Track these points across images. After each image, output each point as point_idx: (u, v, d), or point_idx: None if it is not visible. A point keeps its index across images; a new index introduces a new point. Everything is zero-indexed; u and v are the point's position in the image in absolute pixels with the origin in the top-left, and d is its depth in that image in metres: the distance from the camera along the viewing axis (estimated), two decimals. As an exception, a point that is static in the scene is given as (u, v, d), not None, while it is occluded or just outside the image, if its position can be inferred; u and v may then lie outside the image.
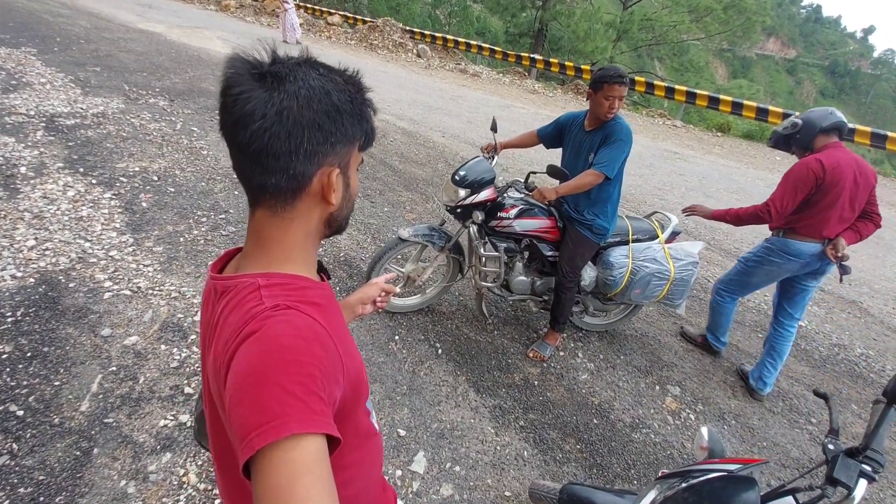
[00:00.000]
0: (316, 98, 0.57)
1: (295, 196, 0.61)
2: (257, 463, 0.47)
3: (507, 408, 2.27)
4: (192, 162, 4.22)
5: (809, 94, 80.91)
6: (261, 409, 0.48)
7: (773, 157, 8.41)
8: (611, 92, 2.25)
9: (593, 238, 2.51)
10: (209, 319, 0.64)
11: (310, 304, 0.59)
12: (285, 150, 0.57)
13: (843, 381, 2.92)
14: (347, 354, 0.60)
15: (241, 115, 0.55)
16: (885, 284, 4.25)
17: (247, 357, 0.51)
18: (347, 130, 0.61)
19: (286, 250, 0.63)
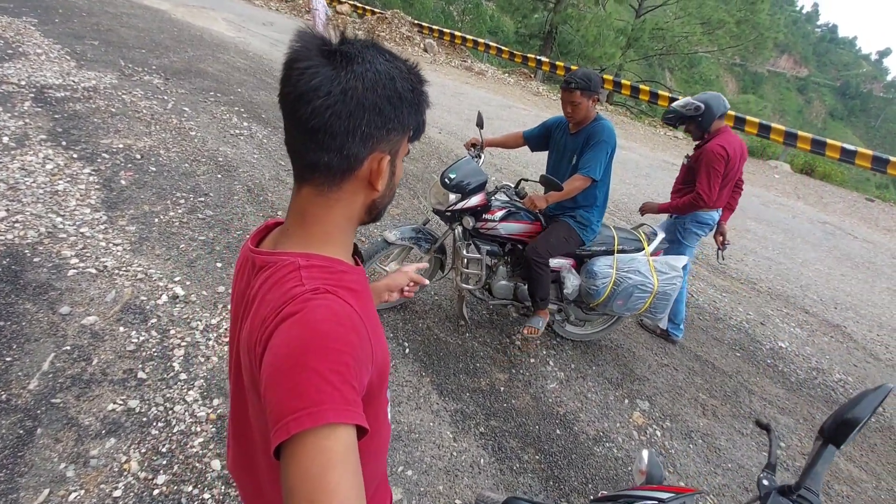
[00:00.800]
0: (381, 83, 0.58)
1: (343, 177, 0.61)
2: (291, 447, 0.47)
3: (469, 413, 2.23)
4: (178, 142, 4.17)
5: (818, 114, 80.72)
6: (299, 393, 0.48)
7: (772, 176, 8.36)
8: (563, 96, 2.34)
9: (575, 227, 2.48)
10: (243, 291, 0.64)
11: (347, 290, 0.59)
12: (343, 130, 0.57)
13: (817, 407, 2.88)
14: (377, 342, 0.61)
15: (305, 89, 0.55)
16: (872, 310, 4.21)
17: (286, 339, 0.52)
18: (404, 119, 0.62)
19: (327, 231, 0.64)
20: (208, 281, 2.64)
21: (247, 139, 4.64)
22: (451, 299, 3.02)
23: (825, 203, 7.25)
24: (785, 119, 64.23)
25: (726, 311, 3.69)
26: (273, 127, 5.15)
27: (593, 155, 2.32)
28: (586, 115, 2.37)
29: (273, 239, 0.69)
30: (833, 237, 5.82)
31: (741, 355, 3.21)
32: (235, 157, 4.20)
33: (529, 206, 2.39)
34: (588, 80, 2.29)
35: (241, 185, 3.74)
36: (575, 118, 2.37)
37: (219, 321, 2.38)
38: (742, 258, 4.70)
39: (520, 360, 2.66)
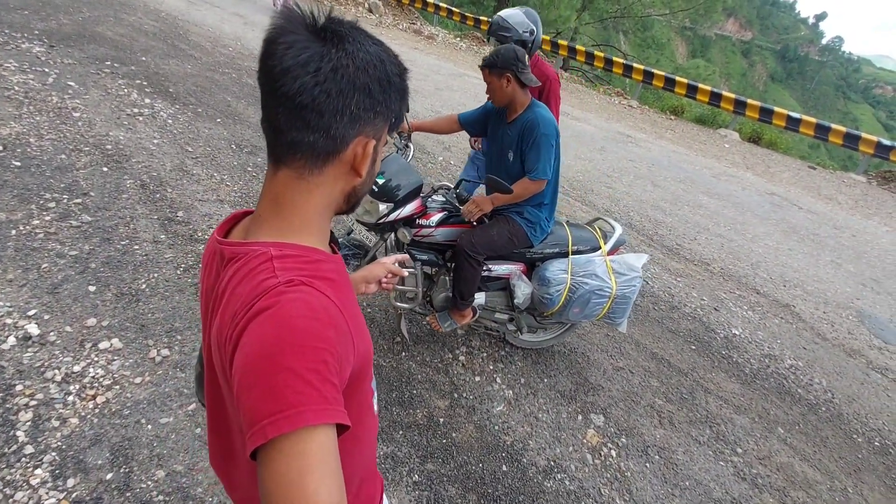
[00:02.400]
0: (372, 64, 0.56)
1: (326, 160, 0.59)
2: (267, 451, 0.46)
3: (400, 457, 1.91)
4: (56, 126, 3.45)
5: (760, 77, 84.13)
6: (274, 396, 0.46)
7: (722, 145, 8.38)
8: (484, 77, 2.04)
9: (523, 224, 2.16)
10: (212, 285, 0.62)
11: (323, 280, 0.56)
12: (331, 109, 0.55)
13: (770, 400, 2.79)
14: (358, 333, 0.59)
15: (292, 63, 0.53)
16: (817, 286, 4.22)
17: (259, 337, 0.49)
18: (391, 104, 0.60)
19: (304, 218, 0.61)
20: (75, 312, 2.13)
21: (147, 120, 3.95)
22: (388, 311, 2.65)
23: (772, 173, 7.34)
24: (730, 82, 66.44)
25: (681, 298, 3.55)
26: (182, 103, 4.44)
27: (539, 154, 1.98)
28: (510, 99, 2.04)
29: (243, 228, 0.66)
30: (780, 209, 5.86)
31: (696, 348, 3.07)
32: (130, 143, 3.54)
33: (473, 210, 2.11)
34: (496, 56, 1.96)
35: (134, 179, 3.14)
36: (495, 101, 2.07)
37: (84, 367, 1.91)
38: (695, 237, 4.60)
39: (463, 379, 2.36)
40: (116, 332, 2.09)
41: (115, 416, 1.77)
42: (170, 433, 1.76)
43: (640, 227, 4.54)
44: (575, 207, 4.60)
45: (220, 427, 0.67)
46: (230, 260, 0.59)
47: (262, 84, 0.56)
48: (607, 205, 4.84)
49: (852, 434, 2.72)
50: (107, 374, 1.90)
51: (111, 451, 1.66)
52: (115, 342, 2.04)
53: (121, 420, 1.76)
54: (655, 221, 4.72)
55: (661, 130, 8.45)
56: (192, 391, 1.93)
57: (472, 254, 2.08)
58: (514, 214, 2.20)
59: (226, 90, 5.05)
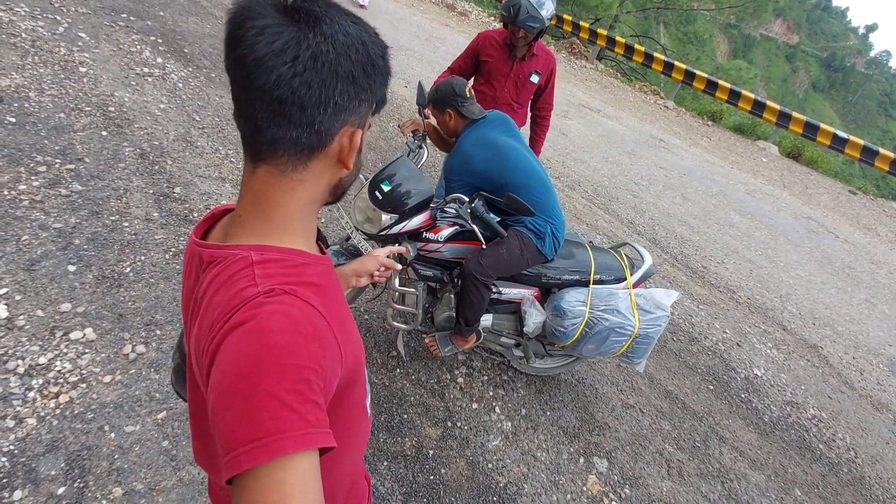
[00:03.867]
0: (354, 47, 0.52)
1: (311, 155, 0.55)
2: (243, 480, 0.43)
3: (382, 493, 1.75)
4: (59, 81, 3.26)
5: (802, 85, 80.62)
6: (251, 421, 0.44)
7: (759, 159, 7.92)
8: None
9: (531, 237, 1.94)
10: (192, 288, 0.58)
11: (307, 286, 0.53)
12: (314, 101, 0.51)
13: (789, 456, 2.57)
14: (346, 340, 0.55)
15: (266, 53, 0.48)
16: (849, 327, 3.94)
17: (236, 354, 0.46)
18: (376, 89, 0.56)
19: (288, 217, 0.57)
20: (50, 294, 1.97)
21: (157, 81, 3.74)
22: (384, 320, 2.46)
23: (810, 194, 6.92)
24: (770, 87, 63.79)
25: (702, 329, 3.31)
26: (196, 66, 4.21)
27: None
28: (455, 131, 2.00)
29: (223, 228, 0.62)
30: (816, 236, 5.50)
31: (714, 388, 2.85)
32: (135, 105, 3.34)
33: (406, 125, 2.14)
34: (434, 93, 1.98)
35: (133, 146, 2.95)
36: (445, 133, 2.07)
37: (51, 359, 1.75)
38: (723, 260, 4.31)
39: (459, 406, 2.18)
40: (91, 320, 1.93)
41: (76, 419, 1.63)
42: (134, 444, 1.61)
43: (664, 244, 4.26)
44: (597, 216, 4.33)
45: (202, 431, 0.63)
46: (209, 264, 0.56)
47: (233, 75, 0.51)
48: (632, 216, 4.55)
49: (873, 502, 2.50)
50: (74, 370, 1.75)
51: (67, 460, 1.52)
52: (89, 332, 1.88)
53: (82, 425, 1.62)
54: (682, 239, 4.43)
55: (696, 137, 8.01)
56: (164, 396, 1.77)
57: (480, 277, 1.87)
58: (520, 227, 1.96)
59: (243, 55, 4.80)
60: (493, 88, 2.55)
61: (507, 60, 2.48)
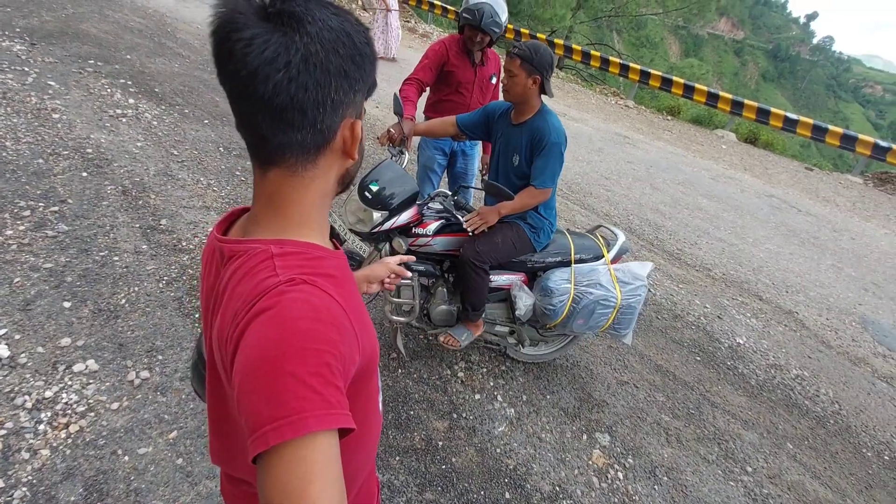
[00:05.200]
0: (340, 41, 0.52)
1: (318, 152, 0.57)
2: (269, 458, 0.45)
3: (397, 486, 1.80)
4: (34, 129, 3.29)
5: (752, 76, 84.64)
6: (277, 401, 0.45)
7: (719, 146, 8.33)
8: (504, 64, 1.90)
9: (526, 230, 2.08)
10: (212, 284, 0.60)
11: (326, 277, 0.55)
12: (313, 103, 0.52)
13: (778, 414, 2.71)
14: (363, 330, 0.57)
15: (259, 64, 0.48)
16: (819, 291, 4.16)
17: (260, 339, 0.48)
18: (367, 77, 0.57)
19: (303, 213, 0.59)
20: (48, 330, 1.99)
21: (131, 121, 3.79)
22: (383, 325, 2.54)
23: (770, 174, 7.29)
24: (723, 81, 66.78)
25: (684, 306, 3.46)
26: (168, 104, 4.28)
27: (547, 162, 1.90)
28: (525, 98, 1.93)
29: (241, 227, 0.63)
30: (780, 212, 5.80)
31: (701, 359, 2.98)
32: (112, 146, 3.38)
33: (477, 223, 1.99)
34: (534, 52, 1.83)
35: (115, 185, 2.99)
36: (510, 93, 1.92)
37: (56, 392, 1.77)
38: (696, 241, 4.52)
39: (463, 398, 2.25)
40: (92, 352, 1.96)
41: (88, 446, 1.64)
42: (148, 465, 1.64)
43: (640, 231, 4.45)
44: (574, 211, 4.50)
45: (221, 427, 0.65)
46: (230, 258, 0.57)
47: (230, 90, 0.52)
48: (606, 208, 4.74)
49: (862, 448, 2.64)
50: (81, 400, 1.77)
51: (84, 485, 1.53)
52: (91, 364, 1.90)
53: (95, 451, 1.63)
54: (655, 225, 4.64)
55: (658, 131, 8.38)
56: (173, 417, 1.80)
57: (477, 263, 1.98)
58: (518, 220, 2.11)
59: (214, 90, 4.89)
60: (462, 96, 2.70)
61: (470, 67, 2.63)
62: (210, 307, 0.60)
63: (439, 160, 2.84)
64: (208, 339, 0.61)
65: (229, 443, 0.65)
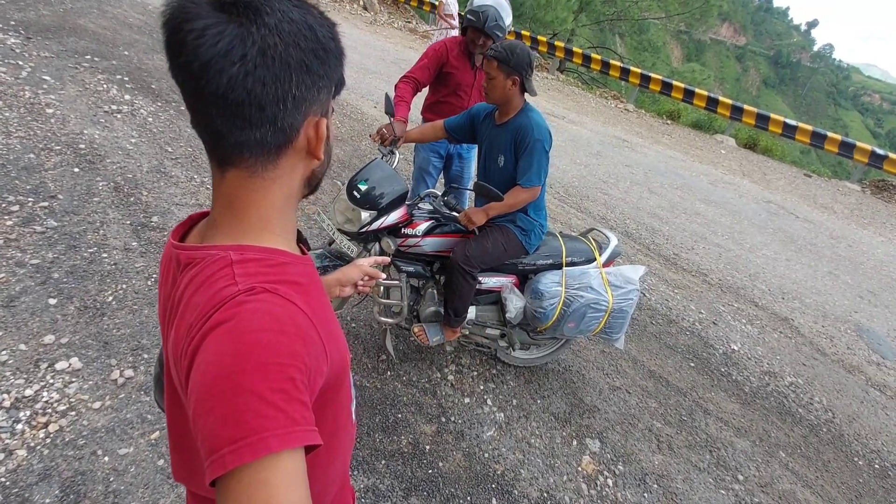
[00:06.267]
0: (302, 34, 0.49)
1: (280, 152, 0.53)
2: (227, 482, 0.42)
3: (382, 490, 1.77)
4: (26, 123, 3.26)
5: (754, 82, 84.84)
6: (235, 421, 0.42)
7: (718, 151, 8.32)
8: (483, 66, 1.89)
9: (516, 232, 2.06)
10: (169, 293, 0.57)
11: (289, 284, 0.52)
12: (272, 98, 0.49)
13: (771, 421, 2.69)
14: (330, 339, 0.54)
15: (212, 56, 0.45)
16: (816, 298, 4.14)
17: (217, 354, 0.45)
18: (332, 73, 0.54)
19: (264, 217, 0.55)
20: (32, 327, 1.96)
21: (126, 117, 3.76)
22: (372, 326, 2.51)
23: (768, 180, 7.28)
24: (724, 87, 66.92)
25: (679, 312, 3.44)
26: (165, 100, 4.26)
27: (531, 160, 1.88)
28: (506, 99, 1.91)
29: (199, 233, 0.60)
30: (777, 218, 5.79)
31: (695, 365, 2.96)
32: (105, 142, 3.36)
33: (466, 223, 1.98)
34: (510, 53, 1.80)
35: (107, 181, 2.96)
36: (491, 96, 1.91)
37: (37, 391, 1.74)
38: (692, 246, 4.50)
39: (452, 401, 2.22)
40: (76, 350, 1.93)
41: (68, 446, 1.61)
42: (129, 466, 1.61)
43: (636, 235, 4.43)
44: (570, 215, 4.48)
45: (181, 443, 0.62)
46: (187, 265, 0.54)
47: (182, 84, 0.49)
48: (603, 212, 4.73)
49: (853, 457, 2.62)
50: (62, 399, 1.74)
51: (61, 487, 1.51)
52: (74, 362, 1.87)
53: (74, 451, 1.61)
54: (652, 230, 4.62)
55: (657, 135, 8.37)
56: (156, 417, 1.78)
57: (467, 268, 1.96)
58: (507, 223, 2.09)
59: (211, 87, 4.86)
60: (460, 99, 2.68)
61: (470, 70, 2.61)
62: (167, 317, 0.57)
63: (434, 162, 2.82)
64: (166, 351, 0.58)
65: (190, 459, 0.61)
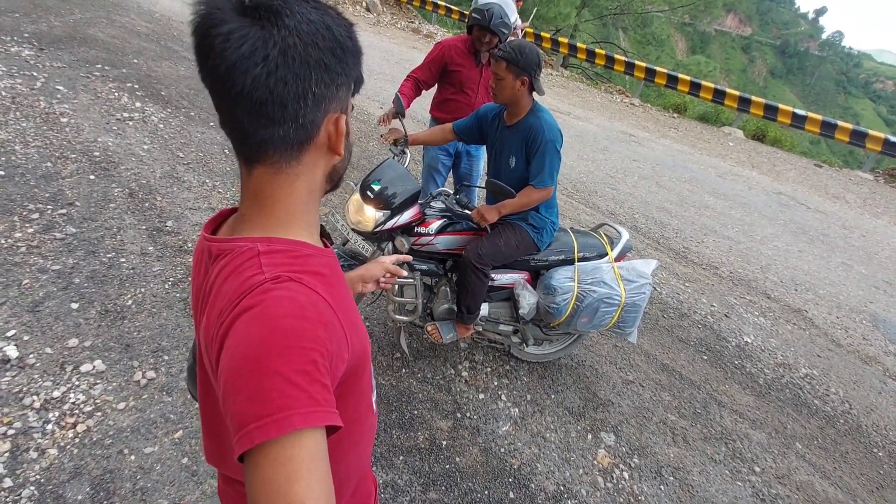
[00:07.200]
0: (320, 34, 0.52)
1: (302, 148, 0.56)
2: (254, 456, 0.44)
3: (401, 485, 1.80)
4: (42, 133, 3.34)
5: (760, 73, 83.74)
6: (261, 399, 0.45)
7: (726, 144, 8.25)
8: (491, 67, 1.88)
9: (528, 230, 2.08)
10: (202, 283, 0.60)
11: (313, 275, 0.54)
12: (293, 96, 0.51)
13: (787, 413, 2.67)
14: (352, 328, 0.56)
15: (237, 58, 0.48)
16: (829, 289, 4.10)
17: (245, 337, 0.48)
18: (350, 70, 0.56)
19: (290, 211, 0.58)
20: (57, 331, 2.02)
21: (137, 125, 3.83)
22: (386, 325, 2.54)
23: (778, 171, 7.21)
24: (730, 78, 66.15)
25: (690, 305, 3.43)
26: (175, 107, 4.32)
27: (544, 161, 1.88)
28: (515, 100, 1.92)
29: (230, 226, 0.64)
30: (788, 209, 5.73)
31: (708, 358, 2.95)
32: (119, 149, 3.42)
33: (479, 220, 1.99)
34: (519, 53, 1.80)
35: (122, 187, 3.02)
36: (500, 97, 1.91)
37: (64, 392, 1.79)
38: (702, 239, 4.47)
39: (467, 397, 2.25)
40: (99, 352, 1.98)
41: (96, 445, 1.66)
42: (154, 464, 1.65)
43: (645, 230, 4.42)
44: (579, 210, 4.48)
45: (214, 428, 0.64)
46: (217, 256, 0.57)
47: (210, 86, 0.52)
48: (612, 207, 4.72)
49: (872, 448, 2.60)
50: (88, 400, 1.79)
51: (91, 484, 1.55)
52: (98, 364, 1.92)
53: (102, 450, 1.65)
54: (661, 224, 4.60)
55: (664, 129, 8.32)
56: (179, 416, 1.82)
57: (479, 266, 1.98)
58: (519, 221, 2.10)
59: (220, 93, 4.93)
60: (467, 96, 2.69)
61: (476, 67, 2.63)
62: (199, 306, 0.60)
63: (443, 160, 2.84)
64: (198, 336, 0.61)
65: (221, 445, 0.64)
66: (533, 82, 1.87)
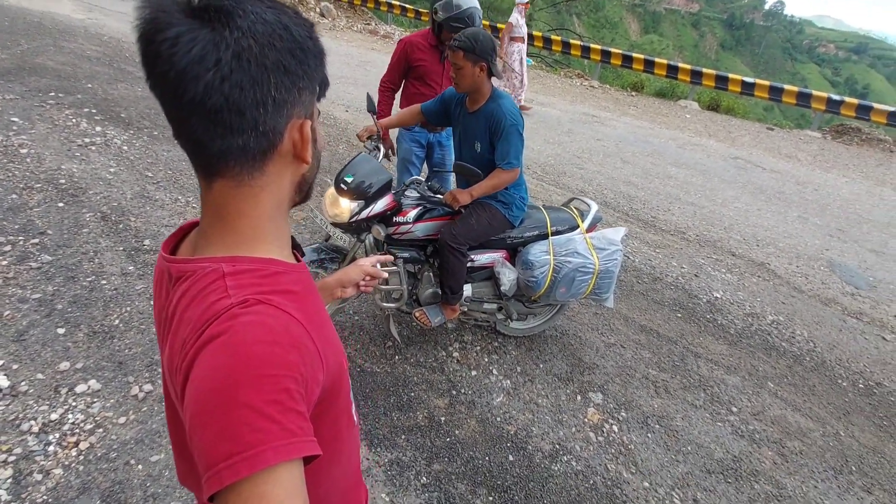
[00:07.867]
0: (277, 35, 0.48)
1: (265, 158, 0.52)
2: (225, 497, 0.42)
3: (406, 462, 1.88)
4: (2, 166, 3.27)
5: (711, 47, 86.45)
6: (231, 436, 0.42)
7: (683, 116, 8.57)
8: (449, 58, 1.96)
9: (498, 207, 2.17)
10: (163, 306, 0.55)
11: (283, 294, 0.51)
12: (251, 102, 0.47)
13: (758, 357, 2.87)
14: (327, 347, 0.53)
15: (187, 63, 0.44)
16: (788, 242, 4.36)
17: (212, 369, 0.44)
18: (313, 73, 0.52)
19: (255, 226, 0.54)
20: (46, 357, 2.02)
21: (100, 149, 3.78)
22: (375, 317, 2.61)
23: (733, 138, 7.55)
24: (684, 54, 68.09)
25: (662, 269, 3.61)
26: (136, 128, 4.27)
27: (508, 144, 2.00)
28: (475, 87, 2.01)
29: (191, 244, 0.59)
30: (745, 172, 6.03)
31: (682, 315, 3.13)
32: (85, 174, 3.38)
33: (451, 202, 2.08)
34: (474, 41, 1.90)
35: (93, 212, 3.00)
36: (461, 86, 2.00)
37: (62, 414, 1.81)
38: (668, 208, 4.69)
39: (460, 376, 2.34)
40: (93, 372, 1.99)
41: (101, 460, 1.69)
42: (162, 470, 1.69)
43: (615, 204, 4.60)
44: (550, 191, 4.63)
45: (184, 452, 0.61)
46: (178, 279, 0.53)
47: (160, 96, 0.48)
48: (581, 185, 4.88)
49: (837, 379, 2.82)
50: (87, 418, 1.81)
51: (102, 497, 1.58)
52: (93, 383, 1.94)
53: (108, 464, 1.68)
54: (629, 197, 4.79)
55: (624, 107, 8.59)
56: (182, 423, 1.85)
57: (455, 246, 2.07)
58: (489, 199, 2.20)
59: (181, 110, 4.87)
60: (430, 88, 2.78)
61: (439, 62, 2.72)
62: (162, 333, 0.56)
63: (417, 152, 2.92)
64: (163, 364, 0.58)
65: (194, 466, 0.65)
66: (491, 67, 1.97)
